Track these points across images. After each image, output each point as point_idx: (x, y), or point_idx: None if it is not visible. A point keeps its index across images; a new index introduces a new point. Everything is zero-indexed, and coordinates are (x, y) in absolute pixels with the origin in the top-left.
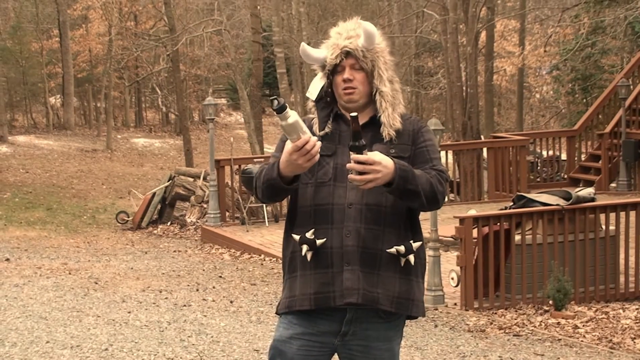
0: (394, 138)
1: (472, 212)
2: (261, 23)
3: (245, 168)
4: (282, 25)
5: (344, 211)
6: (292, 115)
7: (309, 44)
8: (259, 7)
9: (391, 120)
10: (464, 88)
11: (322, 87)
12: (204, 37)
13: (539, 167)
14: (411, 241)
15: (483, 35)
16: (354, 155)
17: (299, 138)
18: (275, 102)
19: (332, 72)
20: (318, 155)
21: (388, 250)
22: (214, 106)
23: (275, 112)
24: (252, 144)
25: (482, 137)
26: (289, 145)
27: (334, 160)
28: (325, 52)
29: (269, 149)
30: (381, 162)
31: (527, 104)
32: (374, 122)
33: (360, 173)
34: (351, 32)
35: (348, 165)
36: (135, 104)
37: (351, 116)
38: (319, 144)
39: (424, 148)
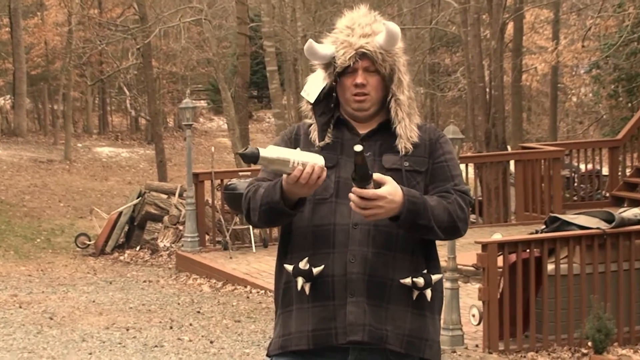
0: (407, 152)
1: (497, 236)
2: (248, 12)
3: (229, 183)
4: (272, 14)
5: (348, 232)
6: (269, 152)
7: (304, 36)
8: None
9: (408, 132)
10: (488, 89)
11: (324, 89)
12: (181, 27)
13: (575, 184)
14: (425, 271)
15: (510, 27)
16: (356, 189)
17: (290, 173)
18: (244, 154)
19: (340, 72)
20: (324, 176)
21: (401, 281)
22: (192, 110)
23: (246, 162)
24: (236, 154)
25: (508, 147)
26: None
27: (336, 173)
28: (331, 48)
29: None
30: (387, 197)
31: (561, 109)
32: (385, 128)
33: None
34: (366, 29)
35: (350, 194)
36: (99, 107)
37: (355, 151)
38: (319, 166)
39: (443, 163)
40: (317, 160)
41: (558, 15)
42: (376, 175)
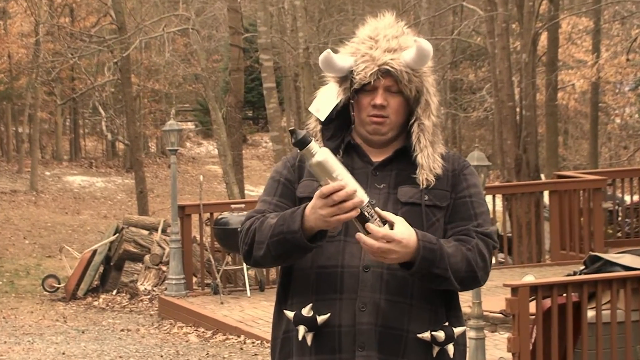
0: (429, 184)
1: (529, 278)
2: (242, 20)
3: (220, 217)
4: (270, 23)
5: (357, 276)
6: (320, 152)
7: (307, 48)
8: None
9: (431, 162)
10: (518, 109)
11: (337, 106)
12: (165, 38)
13: (619, 218)
14: (447, 323)
15: (543, 37)
16: (369, 226)
17: (327, 183)
18: (295, 134)
19: (358, 89)
20: (355, 212)
21: (419, 336)
22: (178, 133)
23: (296, 147)
24: (228, 184)
25: (542, 176)
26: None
27: None
28: (350, 60)
29: (253, 191)
30: (401, 241)
31: (603, 132)
32: (402, 156)
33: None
34: (392, 43)
35: (358, 234)
36: (71, 130)
37: (369, 202)
38: (359, 196)
39: (466, 198)
40: (361, 192)
41: (599, 24)
42: (384, 214)
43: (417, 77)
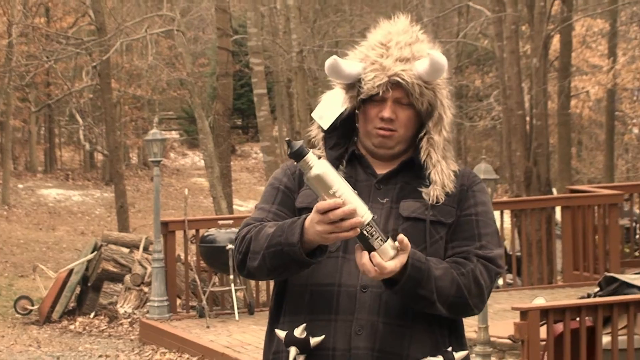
0: (438, 201)
1: (540, 301)
2: (231, 21)
3: (207, 234)
4: (261, 24)
5: (355, 297)
6: (318, 166)
7: (301, 52)
8: None
9: (445, 178)
10: (528, 118)
11: (341, 115)
12: (148, 41)
13: (637, 236)
14: (450, 348)
15: (556, 41)
16: (375, 258)
17: (324, 199)
18: (291, 145)
19: (365, 99)
20: (354, 232)
21: None
22: (161, 142)
23: (292, 159)
24: (216, 198)
25: (554, 190)
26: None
27: None
28: (359, 66)
29: (242, 206)
30: (394, 271)
31: (620, 143)
32: (407, 168)
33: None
34: (405, 52)
35: (359, 260)
36: (46, 139)
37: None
38: (360, 215)
39: (472, 217)
40: (362, 209)
41: (615, 26)
42: (400, 237)
43: (430, 89)
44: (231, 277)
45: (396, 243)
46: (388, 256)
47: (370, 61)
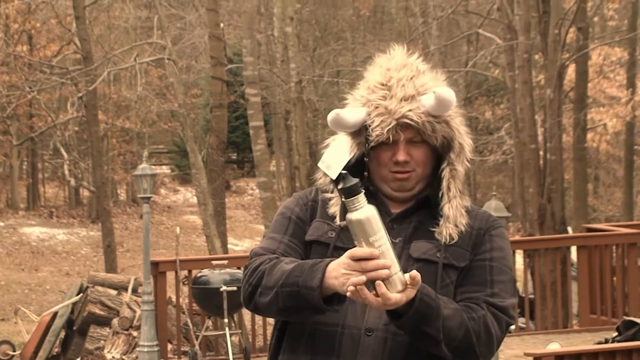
0: (451, 241)
1: (554, 346)
2: (226, 49)
3: (200, 275)
4: (258, 53)
5: (358, 341)
6: (366, 209)
7: (299, 82)
8: (222, 25)
9: (458, 215)
10: (542, 153)
11: (349, 162)
12: (137, 70)
13: None
14: None
15: (571, 70)
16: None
17: (362, 246)
18: (345, 180)
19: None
20: (383, 290)
21: None
22: (151, 178)
23: (342, 196)
24: (209, 236)
25: (569, 229)
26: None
27: None
28: (362, 112)
29: (237, 245)
30: (398, 303)
31: (639, 179)
32: (425, 205)
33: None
34: (408, 89)
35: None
36: (28, 174)
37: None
38: (395, 269)
39: (486, 262)
40: (395, 267)
41: (634, 55)
42: (414, 273)
43: (442, 122)
44: (225, 320)
45: (407, 276)
46: (395, 289)
47: (373, 105)
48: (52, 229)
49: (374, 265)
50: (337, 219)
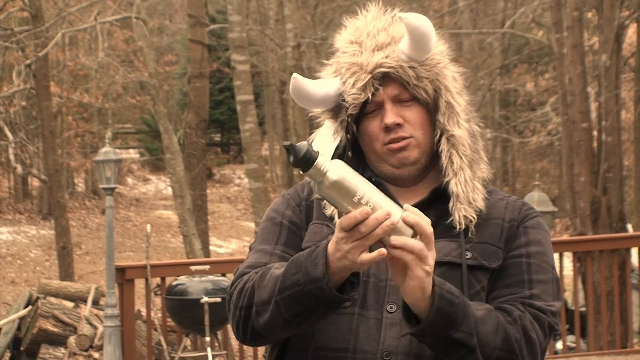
0: (471, 229)
1: None
2: (207, 6)
3: (175, 283)
4: (247, 10)
5: None
6: (334, 169)
7: (298, 46)
8: None
9: (469, 190)
10: (596, 133)
11: (337, 149)
12: (98, 32)
13: None
14: None
15: (632, 32)
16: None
17: (349, 211)
18: (294, 150)
19: (357, 115)
20: (400, 240)
21: None
22: (116, 164)
23: (298, 168)
24: (187, 236)
25: (629, 227)
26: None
27: None
28: (334, 83)
29: (221, 246)
30: (428, 245)
31: None
32: (441, 198)
33: None
34: (381, 37)
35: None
36: None
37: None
38: (396, 215)
39: (522, 259)
40: (395, 209)
41: None
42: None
43: (427, 68)
44: (207, 339)
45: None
46: (408, 234)
47: (344, 67)
48: None
49: (374, 223)
50: (336, 218)
